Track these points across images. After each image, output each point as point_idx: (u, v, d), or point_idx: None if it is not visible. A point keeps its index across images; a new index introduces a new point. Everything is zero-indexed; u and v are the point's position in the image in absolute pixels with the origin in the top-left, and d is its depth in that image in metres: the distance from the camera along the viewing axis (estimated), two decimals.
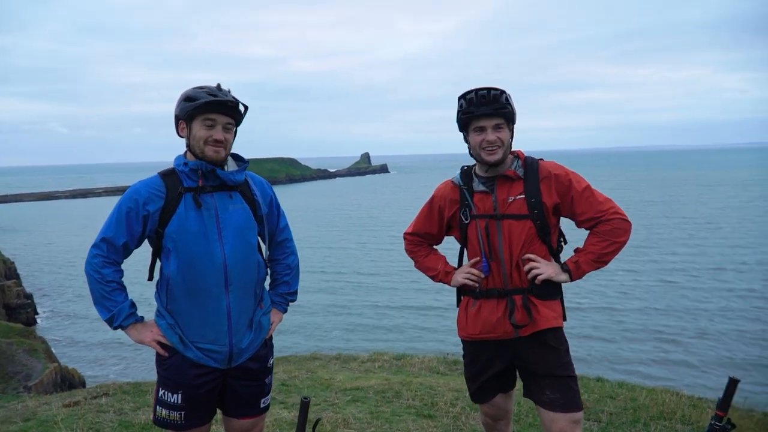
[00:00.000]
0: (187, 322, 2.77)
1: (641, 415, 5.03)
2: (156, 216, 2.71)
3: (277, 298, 3.12)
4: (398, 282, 32.47)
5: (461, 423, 4.81)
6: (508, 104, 2.87)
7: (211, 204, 2.76)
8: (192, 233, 2.70)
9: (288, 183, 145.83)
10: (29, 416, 5.09)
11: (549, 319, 2.93)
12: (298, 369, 7.01)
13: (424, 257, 3.31)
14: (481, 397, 3.19)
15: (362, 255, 42.18)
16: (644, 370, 19.20)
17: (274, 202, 3.04)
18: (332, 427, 4.68)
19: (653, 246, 37.04)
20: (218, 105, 2.70)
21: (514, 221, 2.92)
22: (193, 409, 2.81)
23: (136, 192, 2.73)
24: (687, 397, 5.90)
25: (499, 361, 3.06)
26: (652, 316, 24.75)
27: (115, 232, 2.71)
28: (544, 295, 2.95)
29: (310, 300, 29.73)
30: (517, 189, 2.93)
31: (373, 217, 66.92)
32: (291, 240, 3.16)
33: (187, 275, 2.71)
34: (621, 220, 2.86)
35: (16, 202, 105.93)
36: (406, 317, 26.61)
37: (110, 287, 2.71)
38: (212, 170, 2.74)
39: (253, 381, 2.92)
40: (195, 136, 2.72)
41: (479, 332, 3.04)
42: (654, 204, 64.83)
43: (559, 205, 2.93)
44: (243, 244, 2.81)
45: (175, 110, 2.78)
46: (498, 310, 2.97)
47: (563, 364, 2.93)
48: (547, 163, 2.98)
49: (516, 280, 2.96)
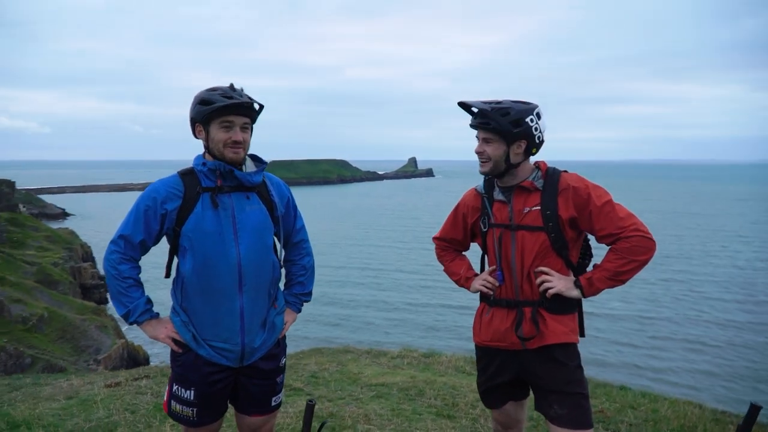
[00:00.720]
0: (201, 320, 2.65)
1: (662, 428, 4.72)
2: (173, 214, 2.60)
3: (292, 299, 2.97)
4: (436, 281, 32.23)
5: (479, 426, 4.59)
6: (495, 121, 2.67)
7: (228, 204, 2.62)
8: (208, 233, 2.58)
9: (339, 183, 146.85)
10: (72, 395, 5.08)
11: (558, 333, 2.73)
12: (330, 361, 6.89)
13: (450, 262, 3.20)
14: (492, 402, 3.04)
15: (404, 254, 42.06)
16: (669, 378, 18.56)
17: (291, 203, 2.89)
18: (353, 422, 4.53)
19: (684, 256, 35.89)
20: (235, 107, 2.56)
21: (528, 233, 2.75)
22: (205, 405, 2.69)
23: (154, 190, 2.62)
24: (710, 411, 5.54)
25: (508, 371, 2.89)
26: (681, 325, 23.96)
27: (133, 230, 2.60)
28: (555, 309, 2.75)
29: (353, 294, 29.75)
30: (534, 200, 2.75)
31: (415, 218, 66.71)
32: (307, 241, 3.02)
33: (202, 275, 2.59)
34: (642, 238, 2.61)
35: (93, 192, 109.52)
36: (441, 315, 26.38)
37: (127, 283, 2.60)
38: (230, 171, 2.61)
39: (265, 380, 2.79)
40: (214, 139, 2.59)
41: (490, 339, 2.89)
42: (688, 215, 62.93)
43: (577, 220, 2.71)
44: (258, 244, 2.67)
45: (190, 113, 2.63)
46: (507, 320, 2.82)
47: (573, 381, 2.72)
48: (569, 176, 2.77)
49: (527, 292, 2.78)
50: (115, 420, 4.41)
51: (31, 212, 58.40)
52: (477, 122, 2.74)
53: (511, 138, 2.69)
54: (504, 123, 2.67)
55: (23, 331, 24.77)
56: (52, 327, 26.45)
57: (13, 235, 37.63)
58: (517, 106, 2.70)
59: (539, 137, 2.75)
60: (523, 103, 2.73)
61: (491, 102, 2.73)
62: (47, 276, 31.93)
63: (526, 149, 2.74)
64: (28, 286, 29.88)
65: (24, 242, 37.51)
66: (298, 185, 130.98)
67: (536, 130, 2.72)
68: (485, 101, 2.76)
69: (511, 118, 2.67)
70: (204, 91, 2.60)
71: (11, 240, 36.67)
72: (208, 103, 2.55)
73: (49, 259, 34.91)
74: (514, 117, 2.67)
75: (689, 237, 45.28)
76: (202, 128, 2.61)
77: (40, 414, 4.49)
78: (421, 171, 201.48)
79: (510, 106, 2.69)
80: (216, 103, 2.53)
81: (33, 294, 29.32)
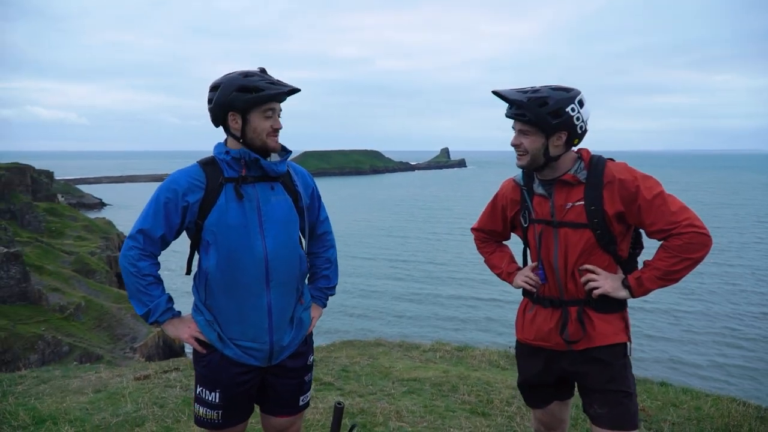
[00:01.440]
0: (226, 318, 2.50)
1: (705, 427, 4.49)
2: (195, 207, 2.44)
3: (317, 293, 2.83)
4: (467, 272, 32.02)
5: (515, 424, 4.41)
6: (531, 112, 2.45)
7: (253, 195, 2.47)
8: (232, 226, 2.43)
9: (372, 174, 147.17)
10: (101, 388, 5.03)
11: (607, 334, 2.55)
12: (361, 354, 6.76)
13: (490, 254, 3.05)
14: (535, 402, 2.87)
15: (435, 245, 41.89)
16: (704, 372, 18.11)
17: (315, 193, 2.74)
18: (384, 419, 4.39)
19: (722, 249, 34.93)
20: (283, 95, 2.43)
21: (571, 230, 2.55)
22: (231, 408, 2.56)
23: (175, 182, 2.45)
24: (754, 408, 5.25)
25: (552, 372, 2.71)
26: (715, 319, 23.36)
27: (153, 224, 2.44)
28: (603, 308, 2.56)
29: (385, 285, 29.69)
30: (577, 194, 2.54)
31: (447, 209, 66.35)
32: (330, 233, 2.86)
33: (227, 270, 2.44)
34: (696, 234, 2.38)
35: (130, 183, 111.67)
36: (473, 308, 26.16)
37: (147, 281, 2.45)
38: (256, 160, 2.45)
39: (293, 379, 2.65)
40: (256, 129, 2.42)
41: (533, 338, 2.72)
42: (727, 206, 61.35)
43: (624, 214, 2.49)
44: (285, 237, 2.52)
45: (218, 100, 2.42)
46: (551, 320, 2.64)
47: (616, 379, 2.54)
48: (615, 166, 2.54)
49: (572, 291, 2.60)
50: (143, 414, 4.34)
51: (69, 202, 59.78)
52: (512, 113, 2.54)
53: (550, 130, 2.48)
54: (541, 114, 2.45)
55: (61, 320, 25.37)
56: (89, 315, 27.06)
57: (52, 224, 38.52)
58: (557, 95, 2.47)
59: (581, 127, 2.52)
60: (564, 89, 2.50)
61: (527, 90, 2.52)
62: (84, 265, 32.65)
63: (566, 140, 2.53)
64: (65, 275, 30.59)
65: (62, 232, 38.43)
66: (331, 176, 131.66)
67: (578, 119, 2.49)
68: (521, 89, 2.54)
69: (549, 109, 2.45)
70: (238, 77, 2.41)
71: (50, 230, 37.54)
72: (252, 90, 2.38)
73: (87, 249, 35.68)
74: (553, 107, 2.45)
75: (726, 229, 44.15)
76: (238, 116, 2.43)
77: (67, 408, 4.43)
78: (453, 161, 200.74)
79: (548, 94, 2.46)
80: (265, 91, 2.38)
81: (70, 283, 30.01)
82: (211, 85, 2.47)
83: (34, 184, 43.43)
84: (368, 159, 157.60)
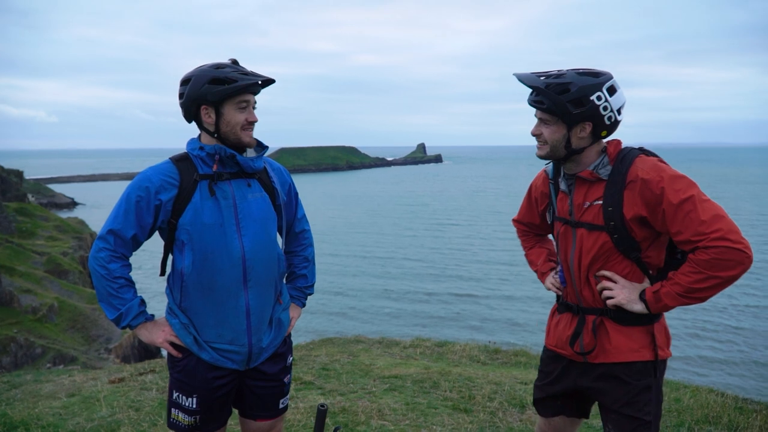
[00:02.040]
0: (203, 321, 2.40)
1: (685, 419, 4.50)
2: (169, 206, 2.33)
3: (296, 293, 2.75)
4: (442, 268, 32.07)
5: (498, 419, 4.39)
6: (550, 101, 2.23)
7: (229, 192, 2.38)
8: (208, 225, 2.33)
9: (348, 170, 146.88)
10: (74, 392, 4.90)
11: (623, 350, 2.32)
12: (341, 352, 6.70)
13: (529, 249, 2.86)
14: (544, 410, 2.69)
15: (410, 241, 41.94)
16: (678, 364, 18.40)
17: (292, 190, 2.66)
18: (366, 418, 4.33)
19: None
20: (256, 86, 2.33)
21: (587, 231, 2.34)
22: (208, 413, 2.47)
23: (146, 179, 2.34)
24: (732, 398, 5.31)
25: (565, 380, 2.54)
26: (689, 311, 23.71)
27: (124, 224, 2.32)
28: (623, 320, 2.32)
29: (361, 284, 29.60)
30: (596, 193, 2.31)
31: (425, 204, 66.49)
32: (308, 231, 2.78)
33: (203, 271, 2.34)
34: (729, 249, 2.04)
35: (103, 181, 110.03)
36: (449, 304, 26.23)
37: (118, 284, 2.33)
38: (231, 155, 2.36)
39: (272, 381, 2.57)
40: (230, 122, 2.33)
41: (554, 344, 2.56)
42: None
43: (648, 219, 2.21)
44: (263, 236, 2.43)
45: (190, 93, 2.32)
46: (570, 327, 2.47)
47: (633, 403, 2.31)
48: (643, 162, 2.23)
49: (588, 298, 2.40)
50: (119, 418, 4.23)
51: (40, 202, 58.63)
52: (531, 100, 2.31)
53: (572, 120, 2.24)
54: (561, 102, 2.21)
55: (34, 321, 24.86)
56: (62, 317, 26.54)
57: (23, 225, 37.73)
58: (581, 81, 2.21)
59: (611, 117, 2.25)
60: (591, 74, 2.24)
61: (550, 74, 2.28)
62: (57, 266, 32.02)
63: (592, 132, 2.28)
64: (37, 276, 29.97)
65: (33, 232, 37.65)
66: (307, 172, 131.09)
67: (605, 109, 2.22)
68: (543, 73, 2.30)
69: (571, 96, 2.20)
70: (210, 69, 2.32)
71: (20, 230, 36.77)
72: (224, 81, 2.29)
73: (59, 249, 35.00)
74: (576, 95, 2.20)
75: None
76: (211, 110, 2.34)
77: (39, 414, 4.31)
78: (430, 157, 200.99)
79: (571, 80, 2.21)
80: (238, 82, 2.28)
81: (43, 284, 29.40)
82: (182, 79, 2.38)
83: (3, 184, 42.55)
84: (344, 155, 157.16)
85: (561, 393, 2.57)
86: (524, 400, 4.76)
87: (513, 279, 30.19)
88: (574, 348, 2.41)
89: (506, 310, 25.24)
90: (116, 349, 24.72)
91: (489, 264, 34.10)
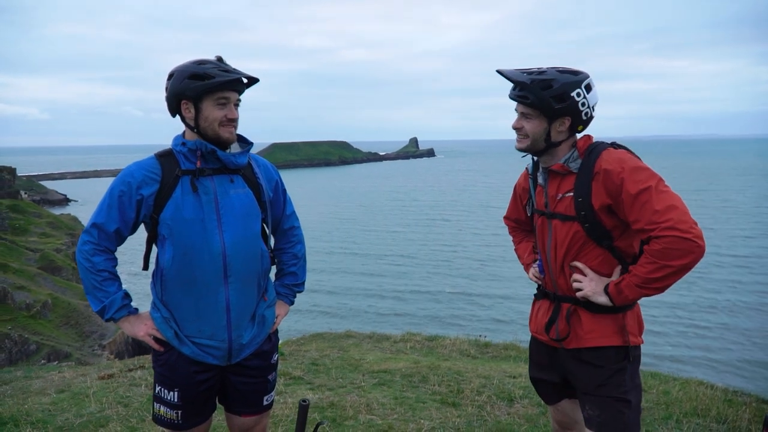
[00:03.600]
0: (183, 315, 2.41)
1: (674, 411, 4.52)
2: (150, 201, 2.34)
3: (284, 290, 2.73)
4: (434, 265, 32.12)
5: (486, 413, 4.40)
6: (534, 95, 2.32)
7: (210, 188, 2.37)
8: (189, 220, 2.33)
9: (340, 165, 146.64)
10: (64, 388, 4.88)
11: (594, 336, 2.40)
12: (331, 347, 6.70)
13: (518, 244, 2.95)
14: (546, 398, 2.77)
15: (403, 238, 41.98)
16: (670, 358, 18.49)
17: (280, 186, 2.64)
18: (354, 413, 4.34)
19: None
20: (233, 82, 2.31)
21: (560, 222, 2.43)
22: (190, 407, 2.47)
23: (129, 174, 2.35)
24: (722, 390, 5.33)
25: (555, 367, 2.61)
26: (676, 308, 23.85)
27: (107, 218, 2.34)
28: (594, 308, 2.40)
29: (351, 281, 29.57)
30: (567, 185, 2.40)
31: (416, 200, 66.53)
32: (298, 228, 2.77)
33: (183, 266, 2.34)
34: (677, 239, 2.09)
35: (95, 178, 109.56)
36: (439, 303, 26.24)
37: (101, 276, 2.34)
38: (212, 151, 2.36)
39: (256, 378, 2.57)
40: (208, 118, 2.32)
41: (535, 331, 2.65)
42: (693, 192, 62.71)
43: (613, 207, 2.29)
44: (245, 231, 2.43)
45: (172, 89, 2.34)
46: (547, 314, 2.56)
47: (609, 384, 2.38)
48: (609, 155, 2.32)
49: (563, 287, 2.49)
50: (108, 414, 4.22)
51: (32, 199, 58.32)
52: (514, 95, 2.40)
53: (553, 114, 2.34)
54: (544, 97, 2.31)
55: (27, 318, 24.75)
56: (56, 313, 26.44)
57: (15, 221, 37.52)
58: (563, 78, 2.33)
59: (587, 113, 2.37)
60: (571, 72, 2.36)
61: (532, 71, 2.38)
62: (50, 262, 31.88)
63: (570, 126, 2.40)
64: (31, 272, 29.83)
65: (26, 229, 37.45)
66: (300, 167, 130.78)
67: (583, 105, 2.34)
68: (525, 70, 2.40)
69: (553, 92, 2.31)
70: (191, 65, 2.32)
71: (13, 227, 36.57)
72: (203, 77, 2.28)
73: (52, 246, 34.85)
74: (557, 91, 2.31)
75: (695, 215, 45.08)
76: (191, 105, 2.33)
77: (28, 410, 4.29)
78: (422, 151, 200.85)
79: (553, 77, 2.32)
80: (216, 78, 2.27)
81: (36, 280, 29.27)
82: (168, 74, 2.38)
83: None
84: (337, 150, 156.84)
85: (557, 379, 2.63)
86: (512, 394, 4.78)
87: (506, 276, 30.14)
88: (549, 334, 2.50)
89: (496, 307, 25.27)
90: (110, 345, 24.66)
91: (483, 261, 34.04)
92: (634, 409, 2.38)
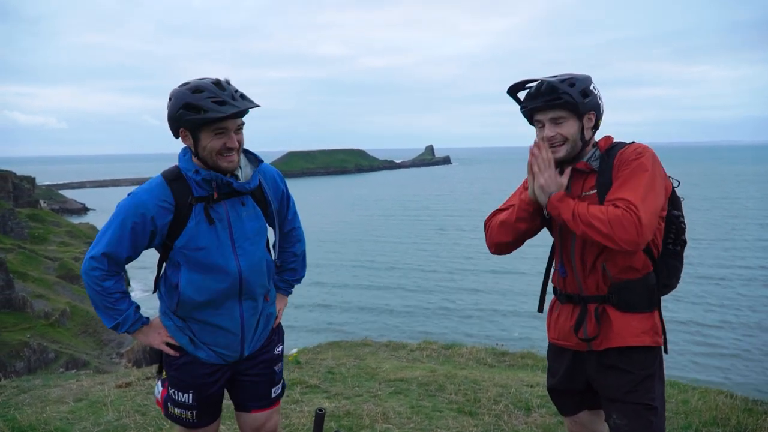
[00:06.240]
0: (199, 329, 2.48)
1: (693, 421, 4.46)
2: (164, 229, 2.35)
3: (282, 284, 2.80)
4: (447, 278, 32.12)
5: (503, 423, 4.37)
6: (567, 93, 2.33)
7: (224, 214, 2.39)
8: (204, 248, 2.35)
9: (356, 173, 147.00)
10: (82, 396, 4.93)
11: (625, 336, 2.36)
12: (347, 356, 6.70)
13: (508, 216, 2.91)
14: (564, 409, 2.72)
15: (415, 249, 41.99)
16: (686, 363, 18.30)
17: (285, 195, 2.67)
18: (371, 422, 4.33)
19: (719, 239, 35.15)
20: (228, 118, 2.23)
21: None
22: (204, 407, 2.55)
23: (142, 205, 2.32)
24: (741, 399, 5.26)
25: (577, 375, 2.56)
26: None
27: (118, 247, 2.33)
28: (625, 306, 2.38)
29: (366, 292, 29.59)
30: (591, 183, 2.41)
31: (428, 207, 66.63)
32: (299, 228, 2.81)
33: (201, 290, 2.39)
34: (624, 213, 2.16)
35: (114, 187, 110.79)
36: (451, 317, 26.21)
37: (114, 298, 2.38)
38: (228, 183, 2.35)
39: (263, 370, 2.63)
40: (206, 147, 2.27)
41: (556, 338, 2.60)
42: (711, 200, 62.04)
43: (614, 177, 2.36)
44: (256, 251, 2.48)
45: (170, 114, 2.29)
46: (572, 317, 2.50)
47: (638, 391, 2.35)
48: (629, 148, 2.39)
49: (591, 287, 2.44)
50: (125, 423, 4.25)
51: (51, 208, 59.07)
52: (544, 101, 2.37)
53: (583, 110, 2.37)
54: (575, 93, 2.35)
55: (46, 326, 25.05)
56: (74, 321, 26.74)
57: (35, 230, 38.04)
58: (579, 76, 2.40)
59: (602, 107, 2.47)
60: (573, 75, 2.43)
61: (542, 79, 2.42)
62: (69, 271, 32.26)
63: (595, 122, 2.44)
64: (50, 281, 30.21)
65: (45, 238, 37.96)
66: (316, 175, 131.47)
67: (600, 99, 2.44)
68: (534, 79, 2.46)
69: (579, 88, 2.36)
70: (187, 92, 2.24)
71: (33, 236, 37.06)
72: (196, 110, 2.21)
73: (71, 254, 35.28)
74: (581, 86, 2.37)
75: (705, 223, 44.51)
76: (188, 133, 2.30)
77: (47, 418, 4.33)
78: (438, 159, 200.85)
79: (572, 76, 2.38)
80: (209, 113, 2.19)
81: (55, 289, 29.63)
82: (168, 95, 2.33)
83: (16, 190, 42.86)
84: (353, 158, 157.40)
85: (580, 388, 2.58)
86: (530, 403, 4.74)
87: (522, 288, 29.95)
88: (578, 335, 2.44)
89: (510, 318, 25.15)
90: (128, 353, 24.88)
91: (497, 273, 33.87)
92: (660, 416, 2.35)
